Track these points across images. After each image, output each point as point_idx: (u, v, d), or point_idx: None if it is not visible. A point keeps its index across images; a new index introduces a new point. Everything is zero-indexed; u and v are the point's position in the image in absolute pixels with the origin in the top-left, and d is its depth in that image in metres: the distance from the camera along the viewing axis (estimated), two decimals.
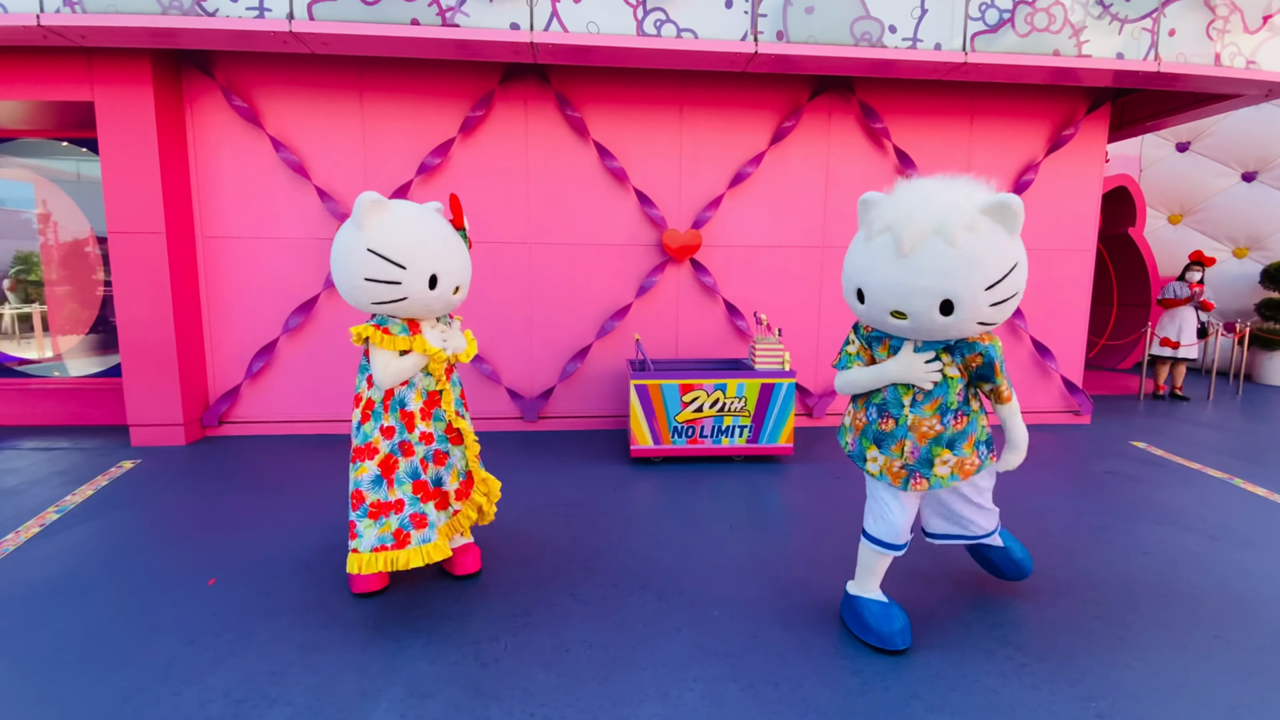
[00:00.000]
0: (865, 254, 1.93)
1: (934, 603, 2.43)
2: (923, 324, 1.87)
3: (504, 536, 2.96)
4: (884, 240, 1.86)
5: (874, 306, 1.93)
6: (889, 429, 2.05)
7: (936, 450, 2.03)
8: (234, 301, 4.65)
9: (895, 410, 2.04)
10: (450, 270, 2.29)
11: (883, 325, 1.99)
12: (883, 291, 1.88)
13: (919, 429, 2.02)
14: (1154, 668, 2.06)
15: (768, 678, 1.98)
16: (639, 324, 4.91)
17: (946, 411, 2.02)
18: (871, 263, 1.90)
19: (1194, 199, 8.39)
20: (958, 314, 1.82)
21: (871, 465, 2.12)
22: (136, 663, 2.03)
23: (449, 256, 2.29)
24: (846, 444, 2.22)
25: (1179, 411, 6.02)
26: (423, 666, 2.02)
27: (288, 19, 3.67)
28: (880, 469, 2.09)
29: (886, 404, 2.06)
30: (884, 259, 1.86)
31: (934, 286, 1.79)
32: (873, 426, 2.09)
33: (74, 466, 3.96)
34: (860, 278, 1.94)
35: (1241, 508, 3.50)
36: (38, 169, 4.87)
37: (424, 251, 2.21)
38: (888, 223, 1.85)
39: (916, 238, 1.78)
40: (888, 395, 2.06)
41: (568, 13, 3.84)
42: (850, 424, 2.21)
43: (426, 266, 2.20)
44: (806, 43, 3.99)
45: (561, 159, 4.72)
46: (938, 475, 2.05)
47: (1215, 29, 4.26)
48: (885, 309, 1.91)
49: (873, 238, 1.91)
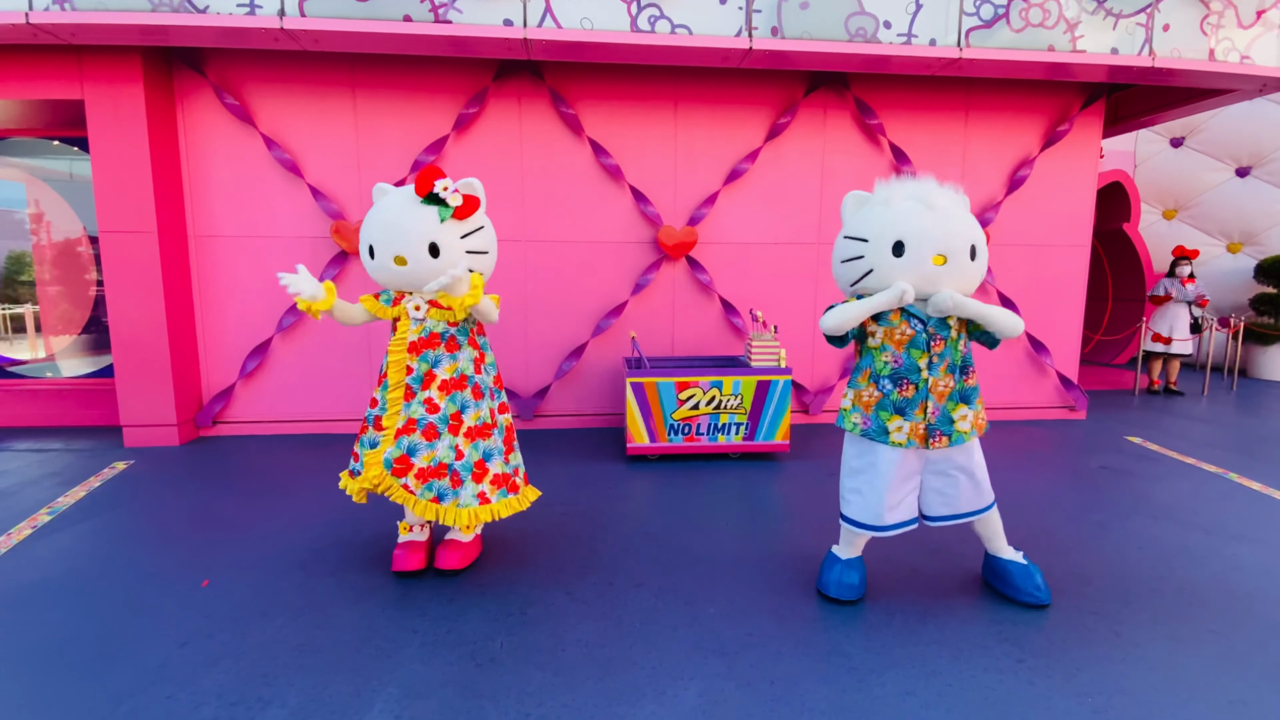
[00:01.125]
0: (892, 214, 2.15)
1: (930, 599, 2.43)
2: (956, 267, 2.12)
3: (499, 535, 2.95)
4: (910, 204, 2.14)
5: (917, 252, 2.11)
6: (910, 395, 2.19)
7: (952, 407, 2.21)
8: (227, 301, 4.63)
9: (914, 376, 2.19)
10: (381, 240, 2.35)
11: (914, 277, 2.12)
12: (927, 238, 2.09)
13: (937, 389, 2.19)
14: (1149, 662, 2.06)
15: (764, 675, 1.98)
16: (635, 322, 4.89)
17: (955, 369, 2.21)
18: (906, 217, 2.12)
19: (1188, 194, 8.42)
20: (978, 260, 2.16)
21: (897, 435, 2.21)
22: (129, 665, 2.01)
23: (382, 226, 2.35)
24: (856, 424, 2.27)
25: (1174, 406, 6.04)
26: (417, 667, 2.01)
27: (279, 16, 3.64)
28: (907, 435, 2.20)
29: (902, 372, 2.20)
30: (918, 213, 2.12)
31: (965, 233, 2.12)
32: (890, 398, 2.21)
33: (66, 467, 3.94)
34: (898, 230, 2.12)
35: (1236, 502, 3.51)
36: (29, 169, 4.83)
37: (370, 225, 2.40)
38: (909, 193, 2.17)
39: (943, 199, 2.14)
40: (903, 365, 2.19)
41: (561, 9, 3.82)
42: (855, 403, 2.28)
43: (365, 239, 2.40)
44: (801, 39, 3.98)
45: (556, 156, 4.71)
46: (959, 431, 2.22)
47: (1209, 24, 4.26)
48: (927, 256, 2.10)
49: (893, 205, 2.16)
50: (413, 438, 2.44)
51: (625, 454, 4.20)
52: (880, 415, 2.23)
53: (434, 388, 2.44)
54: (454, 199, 2.31)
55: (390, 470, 2.42)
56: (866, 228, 2.20)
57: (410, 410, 2.44)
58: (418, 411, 2.44)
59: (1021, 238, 5.18)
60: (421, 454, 2.44)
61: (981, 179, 5.09)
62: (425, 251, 2.32)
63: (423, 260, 2.33)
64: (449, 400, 2.46)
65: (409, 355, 2.43)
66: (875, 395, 2.24)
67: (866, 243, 2.18)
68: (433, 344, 2.45)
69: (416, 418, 2.44)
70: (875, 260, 2.17)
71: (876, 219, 2.18)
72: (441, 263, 2.34)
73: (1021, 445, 4.61)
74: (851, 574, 2.41)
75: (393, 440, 2.43)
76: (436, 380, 2.45)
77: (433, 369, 2.45)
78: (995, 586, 2.49)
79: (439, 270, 2.34)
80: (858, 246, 2.21)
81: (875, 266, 2.17)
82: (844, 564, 2.43)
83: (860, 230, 2.22)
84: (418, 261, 2.33)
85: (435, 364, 2.45)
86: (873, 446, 2.28)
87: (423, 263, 2.33)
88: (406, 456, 2.44)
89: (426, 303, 2.44)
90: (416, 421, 2.44)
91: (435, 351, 2.45)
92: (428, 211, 2.32)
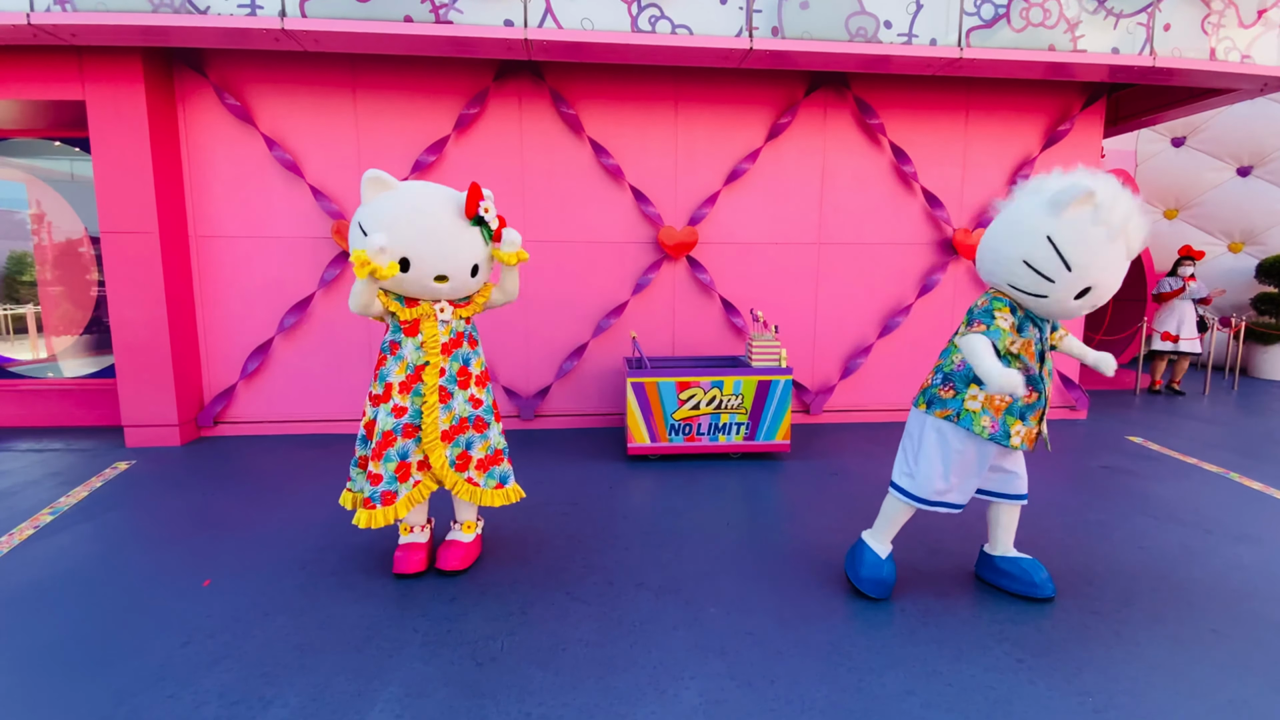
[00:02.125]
0: (1113, 257, 1.97)
1: (930, 598, 2.43)
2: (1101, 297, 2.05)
3: (500, 535, 2.95)
4: (1099, 231, 1.92)
5: (1090, 301, 2.04)
6: (1033, 400, 2.24)
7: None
8: (228, 301, 4.63)
9: (1040, 385, 2.23)
10: (425, 257, 2.28)
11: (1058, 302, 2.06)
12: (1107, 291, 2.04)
13: (1050, 395, 2.32)
14: (1150, 662, 2.06)
15: (764, 675, 1.98)
16: (635, 322, 4.90)
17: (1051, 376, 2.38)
18: (1117, 265, 2.00)
19: (1189, 194, 8.40)
20: None
21: (1017, 439, 2.25)
22: (131, 665, 2.02)
23: (429, 244, 2.27)
24: (985, 428, 2.20)
25: (1175, 406, 6.03)
26: (419, 667, 2.01)
27: (280, 16, 3.65)
28: (1024, 439, 2.26)
29: (1031, 379, 2.21)
30: (1121, 263, 2.00)
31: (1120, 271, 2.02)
32: (1018, 402, 2.23)
33: (68, 468, 3.95)
34: (1107, 275, 2.00)
35: (1237, 502, 3.50)
36: (31, 169, 4.84)
37: (401, 238, 2.23)
38: (1132, 227, 1.94)
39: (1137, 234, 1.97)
40: (1031, 372, 2.21)
41: (562, 9, 3.82)
42: (986, 406, 2.21)
43: (397, 251, 2.24)
44: (801, 38, 3.98)
45: (556, 156, 4.71)
46: (1043, 432, 2.32)
47: (1210, 23, 4.26)
48: (1089, 305, 2.06)
49: (1115, 240, 1.95)
50: (468, 435, 2.53)
51: (626, 454, 4.20)
52: (1007, 420, 2.23)
53: (473, 384, 2.53)
54: (494, 221, 2.40)
55: (454, 467, 2.50)
56: (1080, 254, 1.94)
57: (459, 410, 2.48)
58: (465, 410, 2.51)
59: None
60: (477, 446, 2.55)
61: (982, 179, 5.09)
62: (469, 272, 2.41)
63: (464, 279, 2.42)
64: (485, 392, 2.58)
65: (443, 357, 2.45)
66: (1006, 399, 2.21)
67: (1070, 270, 1.97)
68: (459, 343, 2.49)
69: (466, 415, 2.52)
70: (1059, 293, 2.02)
71: (1098, 253, 1.94)
72: (478, 280, 2.48)
73: None
74: (888, 570, 2.42)
75: (442, 444, 2.46)
76: (473, 377, 2.53)
77: (465, 366, 2.51)
78: (998, 583, 2.51)
79: (475, 285, 2.48)
80: (1056, 264, 1.97)
81: (1051, 295, 2.04)
82: (883, 562, 2.42)
83: (1072, 251, 1.95)
84: (458, 279, 2.40)
85: (466, 361, 2.52)
86: (973, 442, 2.25)
87: (464, 280, 2.42)
88: (466, 451, 2.53)
89: (449, 304, 2.47)
90: (468, 419, 2.52)
91: (462, 350, 2.51)
92: (475, 234, 2.38)
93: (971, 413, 2.23)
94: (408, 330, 2.41)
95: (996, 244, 2.12)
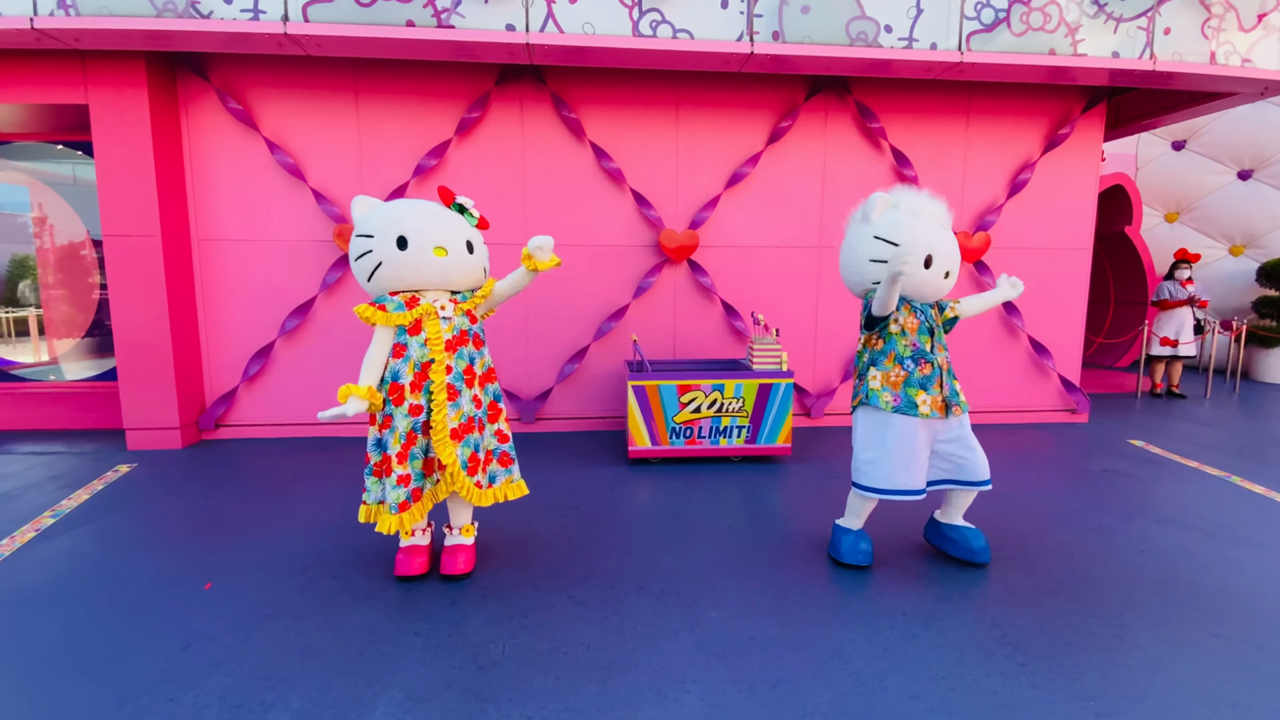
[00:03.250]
0: (924, 229, 2.45)
1: (932, 603, 2.43)
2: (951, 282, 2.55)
3: (501, 538, 2.95)
4: (932, 222, 2.48)
5: (938, 266, 2.46)
6: (929, 372, 2.50)
7: (953, 381, 2.57)
8: (230, 304, 4.64)
9: (930, 354, 2.51)
10: (422, 229, 2.36)
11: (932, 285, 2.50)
12: (947, 257, 2.48)
13: (945, 365, 2.54)
14: (1153, 666, 2.05)
15: (766, 679, 1.98)
16: (636, 325, 4.90)
17: (946, 350, 2.59)
18: (935, 235, 2.46)
19: (1190, 197, 8.41)
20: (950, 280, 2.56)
21: (924, 408, 2.49)
22: (132, 668, 2.02)
23: (420, 218, 2.38)
24: (887, 403, 2.52)
25: (1176, 409, 6.03)
26: (420, 670, 2.01)
27: (282, 21, 3.66)
28: (930, 407, 2.49)
29: (920, 353, 2.51)
30: (941, 233, 2.49)
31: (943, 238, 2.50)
32: (915, 375, 2.50)
33: (70, 471, 3.95)
34: (931, 245, 2.45)
35: (1239, 505, 3.50)
36: (33, 172, 4.86)
37: (391, 219, 2.37)
38: (933, 212, 2.54)
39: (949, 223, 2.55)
40: (918, 347, 2.51)
41: (563, 13, 3.84)
42: (884, 384, 2.55)
43: (392, 231, 2.35)
44: (802, 43, 3.99)
45: (558, 160, 4.72)
46: (963, 401, 2.59)
47: (1210, 27, 4.27)
48: (942, 269, 2.47)
49: (922, 218, 2.48)
50: (474, 435, 2.51)
51: (627, 457, 4.20)
52: (908, 391, 2.51)
53: (476, 384, 2.51)
54: (475, 211, 2.52)
55: (466, 471, 2.48)
56: (901, 234, 2.45)
57: (466, 408, 2.47)
58: (472, 409, 2.49)
59: (1023, 241, 5.19)
60: (484, 446, 2.55)
61: (983, 182, 5.10)
62: (464, 247, 2.45)
63: (462, 255, 2.44)
64: (485, 392, 2.56)
65: (447, 354, 2.44)
66: (901, 374, 2.52)
67: (899, 247, 2.39)
68: (464, 340, 2.48)
69: (475, 415, 2.50)
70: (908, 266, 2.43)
71: (911, 229, 2.45)
72: (474, 260, 2.49)
73: (1024, 448, 4.60)
74: (864, 542, 2.69)
75: (452, 443, 2.43)
76: (477, 376, 2.51)
77: (470, 364, 2.49)
78: (940, 547, 2.80)
79: (472, 266, 2.48)
80: (889, 250, 2.46)
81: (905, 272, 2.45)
82: (855, 534, 2.70)
83: (894, 235, 2.47)
84: (456, 255, 2.42)
85: (472, 359, 2.50)
86: (896, 421, 2.52)
87: (461, 257, 2.44)
88: (475, 453, 2.51)
89: (449, 301, 2.47)
90: (475, 419, 2.50)
91: (468, 348, 2.50)
92: (460, 217, 2.50)
93: (874, 390, 2.57)
94: (411, 330, 2.41)
95: (849, 262, 2.62)
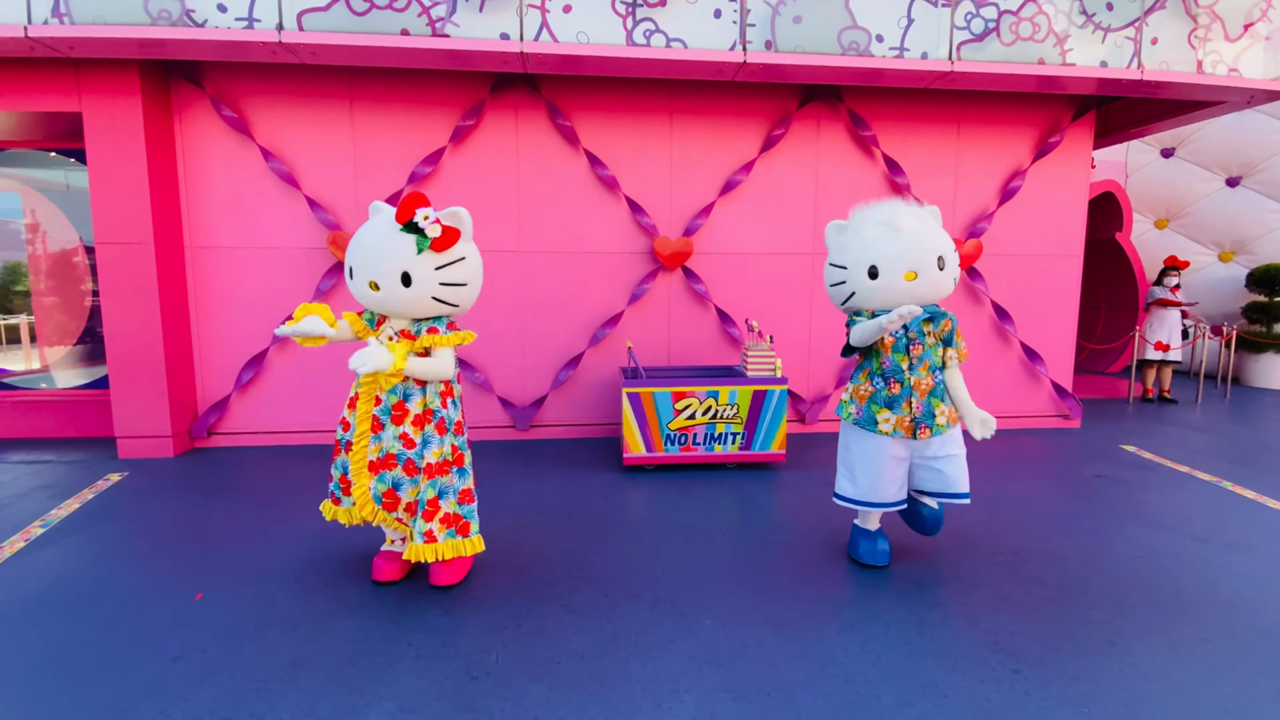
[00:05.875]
0: (864, 241, 2.47)
1: (925, 609, 2.43)
2: (928, 280, 2.43)
3: (495, 546, 2.94)
4: (878, 230, 2.44)
5: (889, 274, 2.43)
6: (897, 391, 2.53)
7: (934, 403, 2.53)
8: (223, 312, 4.62)
9: (899, 375, 2.52)
10: (358, 263, 2.34)
11: (890, 294, 2.45)
12: (897, 260, 2.41)
13: (919, 387, 2.52)
14: (1146, 672, 2.06)
15: (760, 687, 1.97)
16: (631, 332, 4.91)
17: (935, 370, 2.56)
18: (877, 243, 2.44)
19: (1180, 204, 8.49)
20: (947, 269, 2.46)
21: (884, 425, 2.54)
22: (121, 680, 2.00)
23: (358, 250, 2.35)
24: (851, 414, 2.63)
25: (1168, 415, 6.06)
26: (412, 681, 2.00)
27: (277, 29, 3.67)
28: (893, 426, 2.53)
29: (889, 372, 2.53)
30: (886, 238, 2.43)
31: (931, 247, 2.43)
32: (881, 393, 2.56)
33: (60, 480, 3.92)
34: (871, 256, 2.44)
35: (1230, 510, 3.52)
36: (26, 179, 4.84)
37: (352, 246, 2.40)
38: (878, 219, 2.46)
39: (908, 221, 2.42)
40: (889, 366, 2.53)
41: (558, 23, 3.86)
42: (853, 396, 2.65)
43: (347, 259, 2.40)
44: (795, 52, 4.02)
45: (552, 167, 4.73)
46: (939, 424, 2.53)
47: (1197, 37, 4.32)
48: (899, 273, 2.42)
49: (864, 232, 2.47)
50: (395, 473, 2.42)
51: (621, 464, 4.19)
52: (871, 407, 2.58)
53: (408, 423, 2.39)
54: (432, 229, 2.23)
55: (380, 505, 2.44)
56: (846, 255, 2.53)
57: (386, 445, 2.39)
58: (394, 446, 2.39)
59: (1014, 248, 5.22)
60: (406, 489, 2.44)
61: (974, 190, 5.14)
62: (398, 280, 2.28)
63: (394, 289, 2.30)
64: (423, 435, 2.41)
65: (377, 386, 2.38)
66: (868, 390, 2.60)
67: (846, 269, 2.53)
68: (397, 375, 2.32)
69: (395, 453, 2.40)
70: (856, 284, 2.51)
71: (853, 247, 2.51)
72: (413, 293, 2.30)
73: (1016, 454, 4.62)
74: (882, 541, 2.76)
75: (368, 473, 2.40)
76: (410, 415, 2.39)
77: (403, 401, 2.39)
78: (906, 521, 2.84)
79: (412, 299, 2.32)
80: (840, 273, 2.56)
81: (857, 290, 2.51)
82: (871, 534, 2.77)
83: (841, 258, 2.56)
84: (389, 289, 2.30)
85: (406, 397, 2.38)
86: (863, 434, 2.61)
87: (395, 291, 2.30)
88: (393, 490, 2.43)
89: (398, 334, 2.40)
90: (396, 457, 2.41)
91: (405, 384, 2.38)
92: (405, 240, 2.26)
93: (843, 401, 2.70)
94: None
95: (828, 288, 2.70)
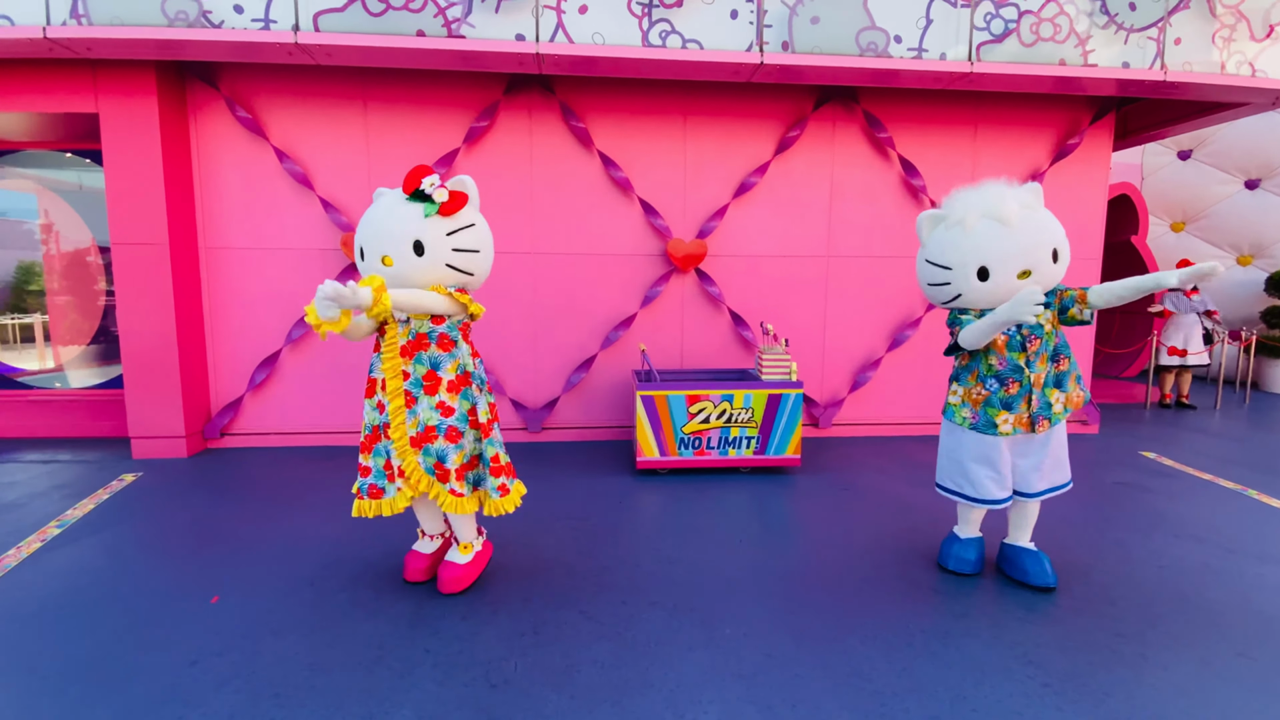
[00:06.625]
0: (971, 239, 2.32)
1: (950, 620, 2.39)
2: (1042, 275, 2.32)
3: (511, 551, 2.92)
4: (985, 225, 2.30)
5: (1001, 274, 2.31)
6: (1015, 391, 2.44)
7: (1049, 392, 2.46)
8: (237, 312, 4.63)
9: (1017, 375, 2.43)
10: (373, 237, 2.33)
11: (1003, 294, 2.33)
12: (1009, 259, 2.29)
13: (1037, 383, 2.43)
14: (1178, 686, 2.01)
15: (785, 699, 1.94)
16: (644, 334, 4.88)
17: (1050, 359, 2.45)
18: (986, 241, 2.30)
19: (1197, 207, 8.38)
20: (1060, 261, 2.33)
21: (1004, 427, 2.47)
22: (138, 684, 1.98)
23: (366, 229, 2.36)
24: (965, 419, 2.54)
25: (1187, 421, 5.98)
26: (431, 688, 1.97)
27: (293, 31, 3.67)
28: (1013, 425, 2.46)
29: (1007, 372, 2.44)
30: (996, 235, 2.29)
31: (1044, 241, 2.30)
32: (997, 395, 2.47)
33: (75, 479, 3.92)
34: (981, 257, 2.32)
35: (1256, 519, 3.45)
36: (41, 180, 4.86)
37: (359, 227, 2.40)
38: (982, 211, 2.30)
39: (1014, 209, 2.27)
40: (1005, 365, 2.44)
41: (573, 24, 3.84)
42: (964, 399, 2.55)
43: (356, 241, 2.41)
44: (812, 53, 3.98)
45: (566, 169, 4.71)
46: (1056, 414, 2.46)
47: (1221, 37, 4.25)
48: (1012, 275, 2.31)
49: (969, 227, 2.32)
50: (439, 445, 2.39)
51: (634, 468, 4.16)
52: (988, 411, 2.49)
53: (443, 390, 2.38)
54: (439, 194, 2.27)
55: (435, 476, 2.41)
56: (948, 254, 2.38)
57: (424, 417, 2.37)
58: (433, 418, 2.37)
59: None
60: (452, 457, 2.40)
61: None
62: (410, 249, 2.28)
63: (408, 259, 2.29)
64: (461, 398, 2.42)
65: (403, 360, 2.36)
66: (983, 393, 2.49)
67: (950, 270, 2.38)
68: (423, 345, 2.35)
69: (435, 424, 2.37)
70: (962, 285, 2.38)
71: (958, 245, 2.35)
72: (427, 261, 2.29)
73: None
74: (970, 550, 2.71)
75: (413, 450, 2.38)
76: (444, 382, 2.38)
77: (434, 370, 2.37)
78: (1006, 573, 2.72)
79: (425, 268, 2.30)
80: (942, 273, 2.42)
81: (964, 292, 2.39)
82: (962, 541, 2.73)
83: (942, 257, 2.41)
84: (403, 260, 2.29)
85: (436, 365, 2.37)
86: (968, 436, 2.54)
87: (409, 261, 2.30)
88: (440, 463, 2.40)
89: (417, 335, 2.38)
90: (436, 428, 2.38)
91: (429, 353, 2.37)
92: (412, 209, 2.28)
93: (952, 406, 2.59)
94: (381, 330, 2.41)
95: (919, 279, 2.61)
